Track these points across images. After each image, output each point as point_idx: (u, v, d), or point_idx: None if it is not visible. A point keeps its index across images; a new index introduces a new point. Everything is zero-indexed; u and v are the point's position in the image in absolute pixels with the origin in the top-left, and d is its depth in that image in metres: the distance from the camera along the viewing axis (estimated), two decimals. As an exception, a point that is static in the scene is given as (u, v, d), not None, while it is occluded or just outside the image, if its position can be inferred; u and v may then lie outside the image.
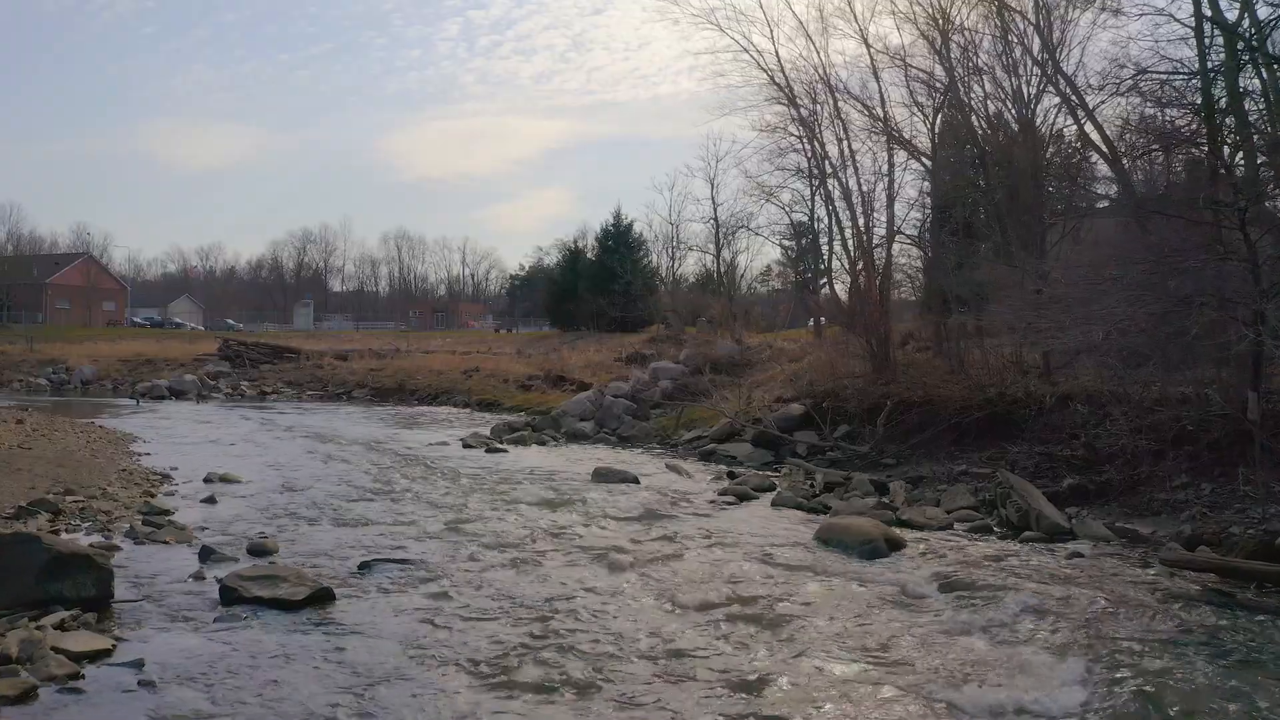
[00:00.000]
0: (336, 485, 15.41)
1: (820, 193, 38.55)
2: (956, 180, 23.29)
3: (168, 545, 10.57)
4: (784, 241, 71.61)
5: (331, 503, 13.63)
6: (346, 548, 10.56)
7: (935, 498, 13.86)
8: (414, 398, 37.53)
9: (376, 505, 13.47)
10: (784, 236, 65.57)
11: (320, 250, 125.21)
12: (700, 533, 11.67)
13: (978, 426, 17.18)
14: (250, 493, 14.60)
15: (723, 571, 9.61)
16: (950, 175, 23.62)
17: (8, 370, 45.46)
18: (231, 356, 45.08)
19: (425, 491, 14.74)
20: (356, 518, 12.47)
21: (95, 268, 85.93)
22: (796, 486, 15.17)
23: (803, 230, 60.35)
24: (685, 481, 16.34)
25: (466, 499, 14.06)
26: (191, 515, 12.59)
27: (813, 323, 63.47)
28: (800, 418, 20.24)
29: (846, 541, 10.54)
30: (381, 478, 16.26)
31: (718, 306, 39.64)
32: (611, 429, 23.94)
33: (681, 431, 23.00)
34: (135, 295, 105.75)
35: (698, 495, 14.72)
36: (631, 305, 60.00)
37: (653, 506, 13.54)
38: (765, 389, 24.25)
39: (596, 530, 11.73)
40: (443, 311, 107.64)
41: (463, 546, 10.65)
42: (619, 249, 63.71)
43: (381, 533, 11.45)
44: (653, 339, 48.27)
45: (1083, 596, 8.69)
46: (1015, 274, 20.45)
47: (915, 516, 12.11)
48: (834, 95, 22.82)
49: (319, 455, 19.68)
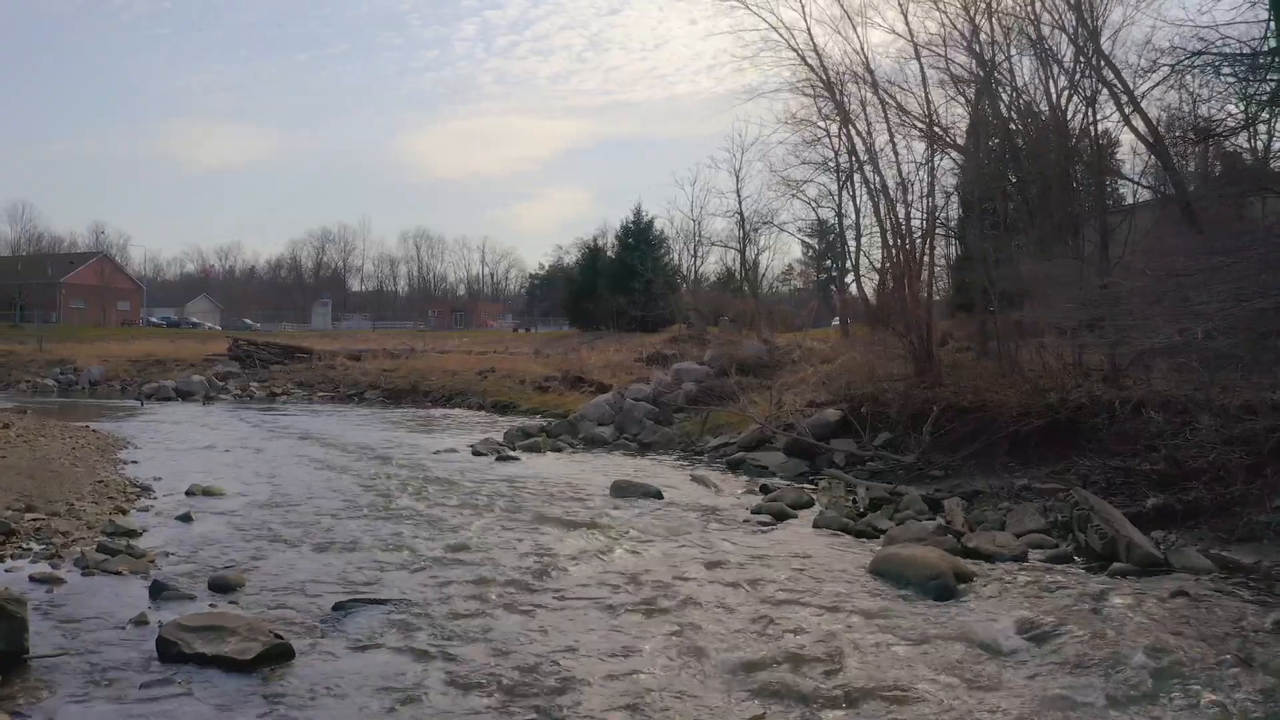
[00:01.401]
0: (329, 499, 13.96)
1: (848, 187, 37.07)
2: (993, 171, 21.74)
3: (119, 577, 9.13)
4: (806, 239, 69.90)
5: (319, 521, 12.17)
6: (324, 581, 9.08)
7: (999, 519, 12.23)
8: (427, 399, 36.17)
9: (369, 524, 12.00)
10: (809, 233, 63.94)
11: (339, 250, 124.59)
12: (735, 562, 10.12)
13: (1037, 436, 15.53)
14: (232, 508, 13.18)
15: (766, 617, 8.05)
16: (985, 167, 22.03)
17: (16, 370, 44.46)
18: (241, 357, 43.87)
19: (425, 508, 13.26)
20: (344, 540, 11.00)
21: (110, 267, 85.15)
22: (838, 503, 13.59)
23: (827, 228, 58.71)
24: (713, 496, 14.78)
25: (470, 518, 12.57)
26: (160, 537, 11.17)
27: (837, 322, 61.81)
28: (837, 424, 18.66)
29: (909, 576, 8.96)
30: (380, 491, 14.80)
31: (743, 304, 37.91)
32: (632, 434, 22.41)
33: (707, 438, 21.44)
34: (154, 295, 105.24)
35: (728, 513, 13.16)
36: (652, 304, 58.46)
37: (679, 527, 12.00)
38: (796, 392, 22.69)
39: (616, 560, 10.19)
40: (461, 311, 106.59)
41: (459, 581, 9.14)
42: (639, 246, 62.19)
43: (369, 560, 9.97)
44: (674, 339, 46.72)
45: (1207, 652, 7.10)
46: (1064, 268, 18.97)
47: (983, 544, 10.49)
48: (871, 76, 21.16)
49: (317, 463, 18.27)
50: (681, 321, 56.81)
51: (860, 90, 21.90)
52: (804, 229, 53.57)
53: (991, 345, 21.63)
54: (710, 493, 15.00)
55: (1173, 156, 18.76)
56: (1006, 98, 22.25)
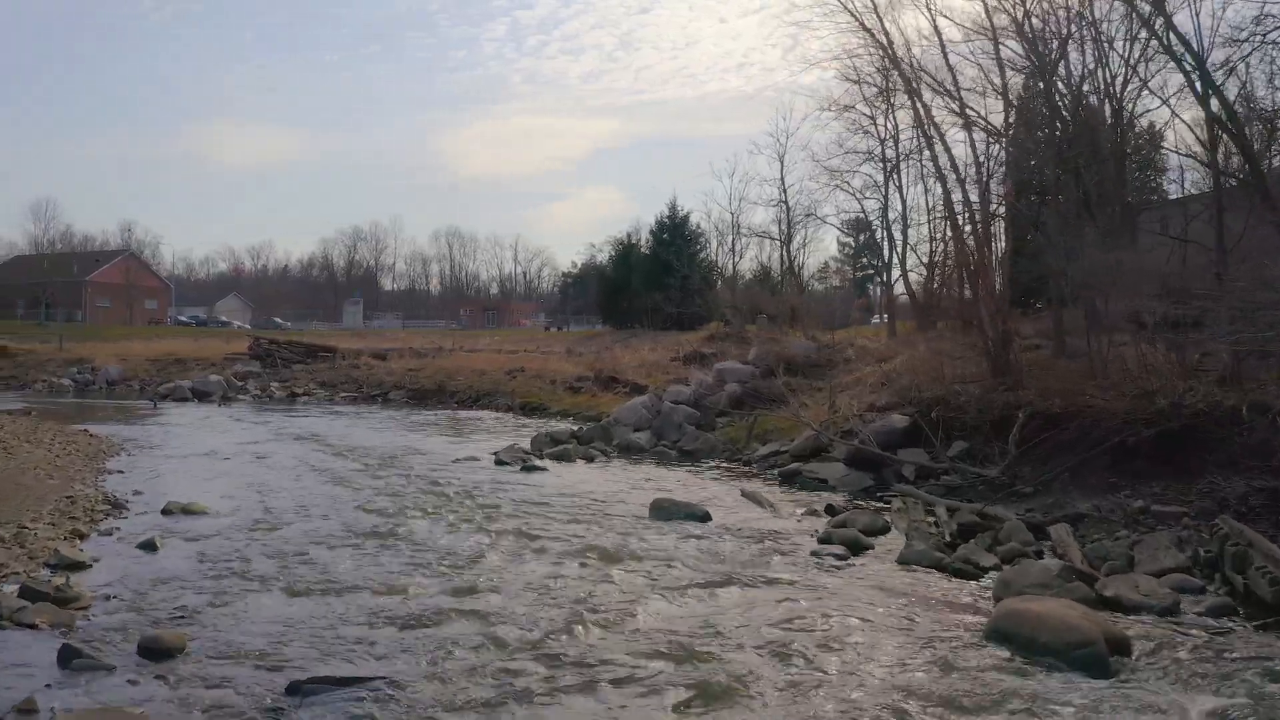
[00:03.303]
0: (324, 520, 12.03)
1: (894, 177, 34.78)
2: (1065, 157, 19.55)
3: (33, 633, 7.23)
4: (847, 234, 67.46)
5: (306, 551, 10.23)
6: (289, 642, 7.12)
7: (1123, 552, 10.02)
8: (453, 400, 34.32)
9: (362, 556, 10.05)
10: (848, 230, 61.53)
11: (371, 248, 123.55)
12: (808, 618, 8.02)
13: (1145, 447, 13.31)
14: (210, 531, 11.29)
15: (861, 705, 5.98)
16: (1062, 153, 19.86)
17: (34, 369, 43.17)
18: (262, 356, 42.24)
19: (433, 533, 11.27)
20: (328, 578, 9.05)
21: (136, 265, 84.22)
22: (920, 529, 11.42)
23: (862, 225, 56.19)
24: (769, 518, 12.67)
25: (484, 547, 10.57)
26: (110, 570, 9.29)
27: (877, 319, 59.45)
28: (904, 431, 16.48)
29: (1045, 642, 6.82)
30: (384, 510, 12.85)
31: (786, 300, 35.72)
32: (671, 441, 20.34)
33: (755, 445, 19.33)
34: (186, 294, 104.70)
35: (790, 541, 11.06)
36: (688, 301, 56.31)
37: (732, 561, 9.91)
38: (852, 394, 20.47)
39: (658, 614, 8.10)
40: (493, 310, 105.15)
41: (460, 645, 7.12)
42: (675, 241, 60.05)
43: (352, 609, 8.00)
44: (711, 336, 44.55)
45: None
46: (1140, 258, 16.92)
47: (1124, 591, 8.32)
48: (944, 53, 18.96)
49: (321, 474, 16.39)
50: (718, 319, 54.71)
51: (913, 69, 19.83)
52: (845, 224, 51.31)
53: (1068, 342, 19.46)
54: (765, 514, 12.90)
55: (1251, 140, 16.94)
56: (1072, 82, 20.24)
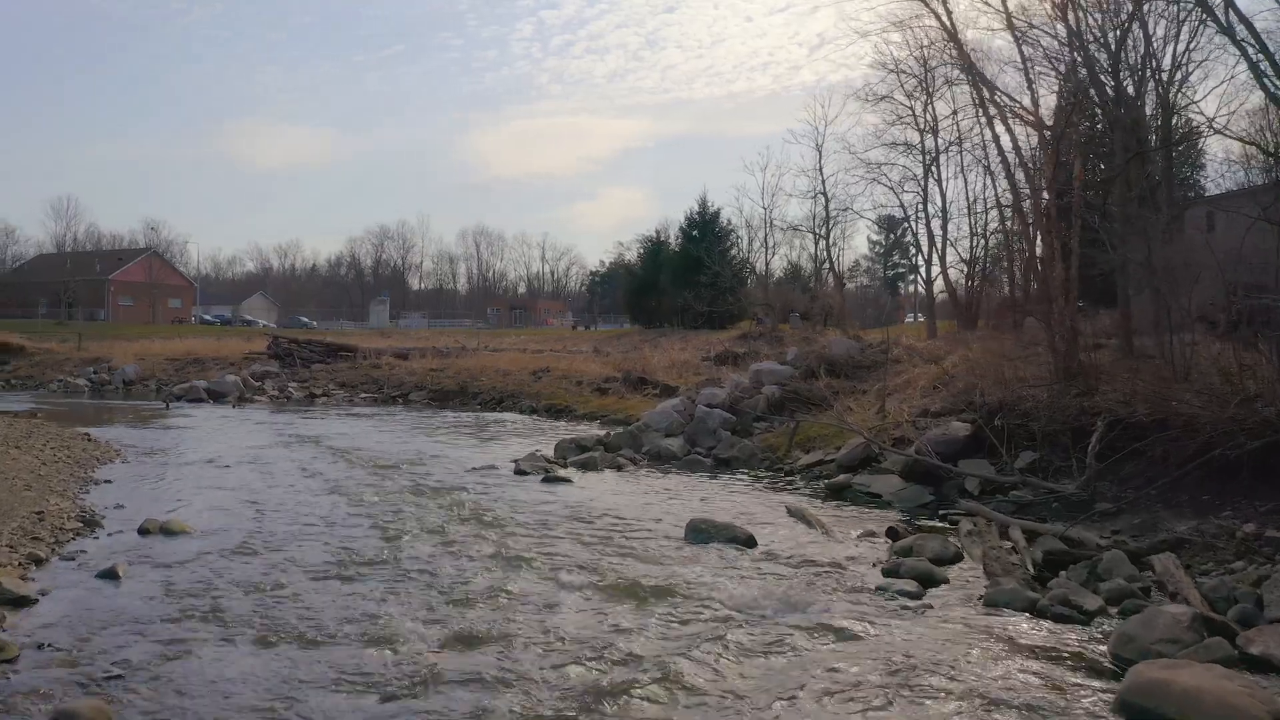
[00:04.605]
0: (316, 543, 10.65)
1: (934, 170, 33.07)
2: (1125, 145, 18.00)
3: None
4: (872, 235, 65.43)
5: (288, 584, 8.84)
6: (241, 716, 5.71)
7: (1249, 589, 8.39)
8: (476, 402, 32.99)
9: (352, 591, 8.64)
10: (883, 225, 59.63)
11: (398, 247, 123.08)
12: (884, 676, 6.51)
13: (1249, 461, 11.66)
14: (187, 555, 9.95)
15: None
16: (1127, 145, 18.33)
17: (50, 369, 42.38)
18: (281, 355, 41.13)
19: (438, 561, 9.85)
20: (306, 622, 7.63)
21: (159, 264, 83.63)
22: (998, 557, 9.81)
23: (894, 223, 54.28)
24: (821, 541, 11.13)
25: (493, 578, 9.13)
26: (58, 607, 7.96)
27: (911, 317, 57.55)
28: (966, 440, 14.91)
29: (1203, 730, 5.29)
30: (387, 529, 11.46)
31: (829, 296, 34.07)
32: (705, 448, 18.85)
33: (797, 453, 17.79)
34: (214, 293, 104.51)
35: (849, 572, 9.54)
36: (719, 299, 54.82)
37: (785, 601, 8.39)
38: (900, 398, 18.90)
39: (696, 669, 6.59)
40: (521, 309, 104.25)
41: (452, 717, 5.69)
42: (705, 238, 58.60)
43: (326, 668, 6.57)
44: (743, 335, 43.07)
45: None
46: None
47: (1273, 648, 6.75)
48: (1014, 28, 17.35)
49: (325, 485, 15.04)
50: (749, 318, 53.12)
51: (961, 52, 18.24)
52: (878, 220, 49.51)
53: (1138, 341, 17.82)
54: (816, 536, 11.36)
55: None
56: (1127, 66, 18.81)
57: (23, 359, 43.92)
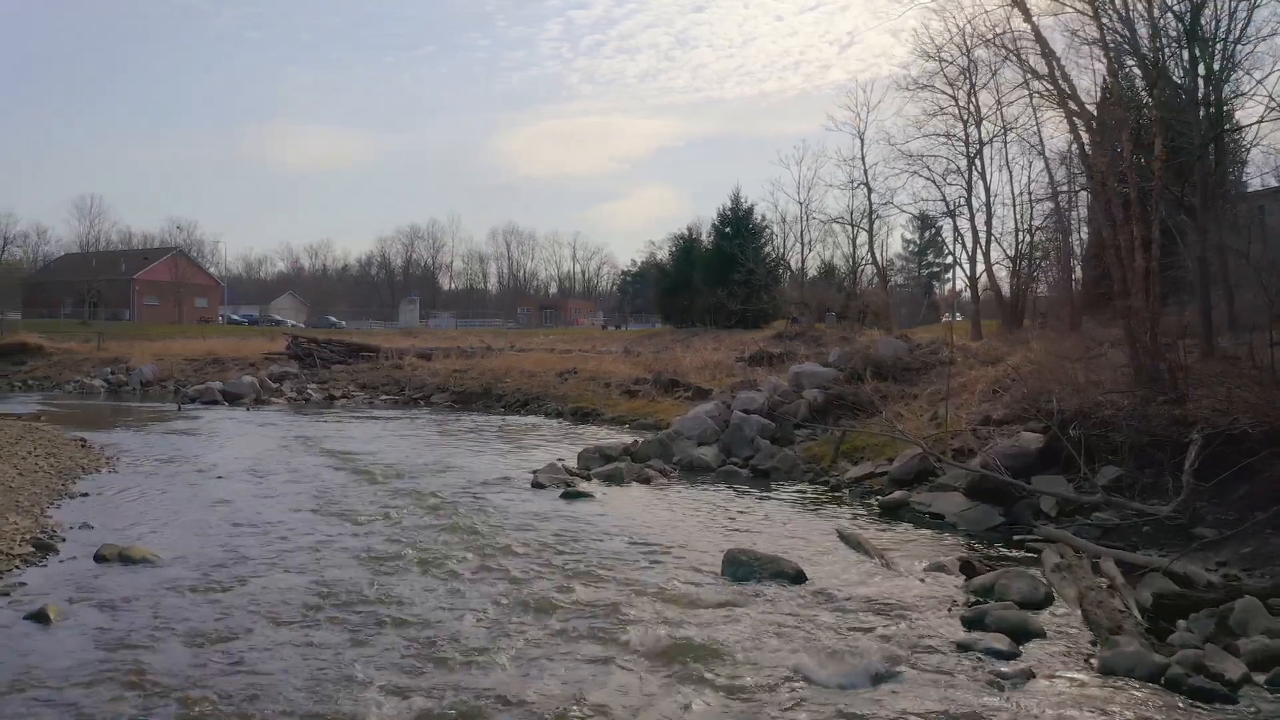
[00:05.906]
0: (296, 576, 9.19)
1: (978, 163, 31.18)
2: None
3: None
4: (906, 234, 63.38)
5: (239, 635, 7.36)
6: None
7: None
8: (500, 404, 31.54)
9: (327, 644, 7.14)
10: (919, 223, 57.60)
11: (428, 247, 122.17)
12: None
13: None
14: (140, 590, 8.53)
15: None
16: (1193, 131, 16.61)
17: (68, 369, 41.50)
18: (301, 355, 39.92)
19: (432, 603, 8.32)
20: (260, 691, 6.14)
21: (185, 263, 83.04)
22: (1098, 601, 8.13)
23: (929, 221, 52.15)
24: (881, 575, 9.48)
25: (494, 625, 7.60)
26: (-41, 665, 6.51)
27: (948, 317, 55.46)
28: (1038, 453, 13.21)
29: None
30: (381, 557, 9.97)
31: (873, 294, 32.30)
32: (742, 458, 17.25)
33: (844, 465, 16.16)
34: (244, 293, 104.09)
35: (920, 619, 7.90)
36: (753, 298, 53.04)
37: (848, 667, 6.78)
38: (956, 403, 17.16)
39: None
40: (551, 309, 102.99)
41: None
42: (738, 235, 56.84)
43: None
44: (778, 335, 41.36)
45: None
46: None
47: None
48: None
49: (323, 501, 13.60)
50: (785, 317, 51.32)
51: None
52: (914, 218, 47.56)
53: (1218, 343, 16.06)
54: (876, 569, 9.71)
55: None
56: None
57: (40, 359, 43.12)
